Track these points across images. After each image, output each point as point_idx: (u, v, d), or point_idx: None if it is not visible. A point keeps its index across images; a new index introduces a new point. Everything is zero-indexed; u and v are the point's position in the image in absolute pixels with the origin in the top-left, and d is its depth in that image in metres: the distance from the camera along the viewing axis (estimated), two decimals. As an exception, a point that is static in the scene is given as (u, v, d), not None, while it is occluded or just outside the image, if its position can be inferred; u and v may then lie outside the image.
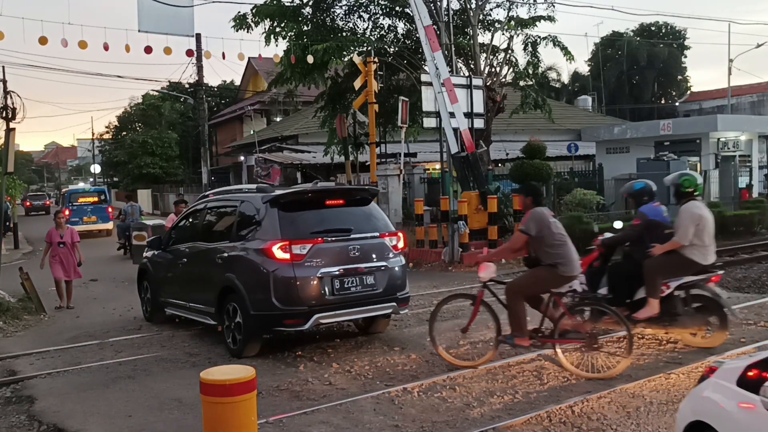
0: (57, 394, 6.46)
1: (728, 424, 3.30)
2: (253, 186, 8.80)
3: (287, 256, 6.92)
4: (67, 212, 23.13)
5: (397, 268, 7.61)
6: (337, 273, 7.10)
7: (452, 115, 13.61)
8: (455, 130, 13.70)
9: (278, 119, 36.42)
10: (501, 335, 6.43)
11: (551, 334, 6.28)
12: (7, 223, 21.54)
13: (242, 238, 7.47)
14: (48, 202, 51.66)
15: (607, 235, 7.46)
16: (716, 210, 17.24)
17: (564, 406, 5.35)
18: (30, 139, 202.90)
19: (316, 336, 8.19)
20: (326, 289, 7.00)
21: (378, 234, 7.58)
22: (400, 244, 7.84)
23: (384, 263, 7.45)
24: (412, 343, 7.61)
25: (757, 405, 3.01)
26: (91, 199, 27.37)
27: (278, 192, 7.56)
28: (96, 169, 59.46)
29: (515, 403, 5.56)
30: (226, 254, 7.57)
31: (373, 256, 7.41)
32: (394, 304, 7.57)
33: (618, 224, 8.46)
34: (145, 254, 9.99)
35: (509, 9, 19.22)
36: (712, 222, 6.85)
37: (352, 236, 7.37)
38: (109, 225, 25.69)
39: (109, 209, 27.14)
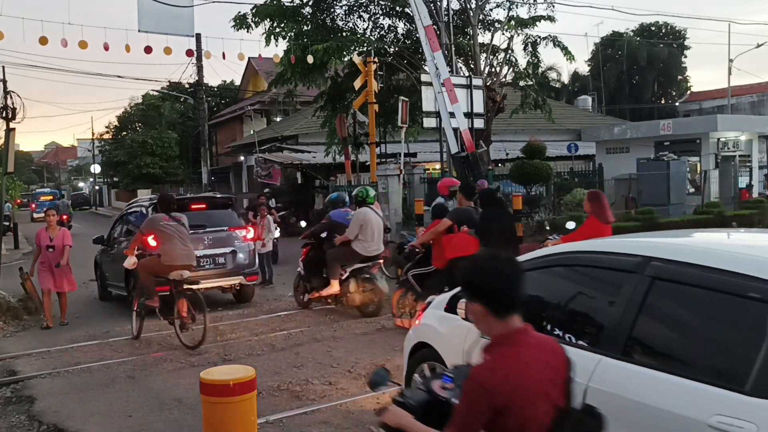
0: (57, 394, 6.46)
1: (439, 339, 4.57)
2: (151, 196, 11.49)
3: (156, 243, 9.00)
4: (33, 206, 28.02)
5: (242, 253, 10.57)
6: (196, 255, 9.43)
7: (452, 115, 13.60)
8: (455, 130, 13.69)
9: (278, 119, 36.38)
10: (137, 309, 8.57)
11: (169, 315, 8.23)
12: (7, 224, 21.67)
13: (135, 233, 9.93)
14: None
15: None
16: (716, 210, 17.30)
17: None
18: (30, 139, 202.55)
19: (316, 336, 8.19)
20: None
21: (227, 228, 10.62)
22: (249, 236, 10.85)
23: (232, 248, 10.46)
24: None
25: (457, 320, 4.11)
26: (48, 198, 40.41)
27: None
28: (96, 169, 59.43)
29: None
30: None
31: (223, 244, 10.42)
32: (242, 277, 10.38)
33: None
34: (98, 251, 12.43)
35: (509, 9, 19.22)
36: (377, 224, 9.18)
37: (207, 230, 10.35)
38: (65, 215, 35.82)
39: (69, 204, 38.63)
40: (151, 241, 8.72)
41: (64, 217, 28.13)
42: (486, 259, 2.57)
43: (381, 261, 9.36)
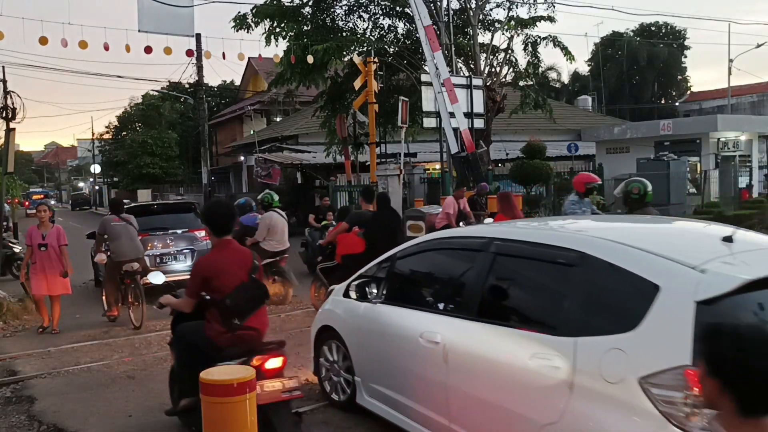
0: (57, 394, 6.46)
1: (338, 320, 5.52)
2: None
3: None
4: (27, 203, 28.96)
5: (199, 250, 11.60)
6: (158, 253, 11.55)
7: (452, 115, 13.60)
8: (455, 130, 13.68)
9: (278, 119, 36.39)
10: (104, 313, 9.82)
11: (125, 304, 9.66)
12: (6, 223, 21.68)
13: None
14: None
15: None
16: (716, 210, 17.28)
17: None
18: (30, 139, 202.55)
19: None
20: (150, 262, 10.75)
21: (188, 229, 12.07)
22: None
23: (192, 247, 11.89)
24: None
25: (350, 303, 5.35)
26: (40, 196, 44.33)
27: (131, 205, 12.57)
28: (96, 169, 59.40)
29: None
30: None
31: (183, 243, 11.89)
32: None
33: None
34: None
35: (509, 9, 19.24)
36: (282, 224, 10.46)
37: (169, 231, 11.90)
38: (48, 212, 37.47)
39: (51, 202, 40.35)
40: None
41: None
42: (214, 205, 4.81)
43: (286, 256, 10.62)
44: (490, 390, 3.73)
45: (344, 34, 18.83)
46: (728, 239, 3.53)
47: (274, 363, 4.40)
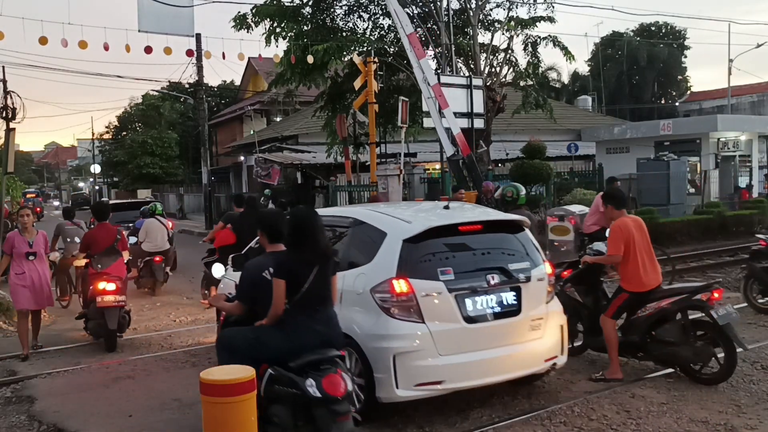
0: (57, 394, 6.47)
1: (229, 288, 6.48)
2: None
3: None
4: (22, 202, 29.55)
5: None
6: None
7: (442, 115, 13.56)
8: (447, 130, 13.67)
9: (278, 119, 36.35)
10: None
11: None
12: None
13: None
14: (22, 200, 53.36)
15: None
16: (716, 210, 17.27)
17: (564, 406, 5.35)
18: (30, 139, 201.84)
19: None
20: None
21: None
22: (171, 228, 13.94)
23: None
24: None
25: (235, 274, 6.36)
26: (32, 195, 49.10)
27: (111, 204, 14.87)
28: (96, 169, 59.36)
29: (515, 403, 5.56)
30: None
31: None
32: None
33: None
34: None
35: (509, 9, 19.20)
36: (159, 229, 12.74)
37: (129, 224, 13.76)
38: (38, 208, 39.34)
39: (55, 203, 53.53)
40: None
41: (37, 209, 33.41)
42: (97, 203, 12.01)
43: (162, 256, 12.60)
44: None
45: (344, 34, 18.81)
46: (446, 207, 5.75)
47: (110, 286, 8.07)
